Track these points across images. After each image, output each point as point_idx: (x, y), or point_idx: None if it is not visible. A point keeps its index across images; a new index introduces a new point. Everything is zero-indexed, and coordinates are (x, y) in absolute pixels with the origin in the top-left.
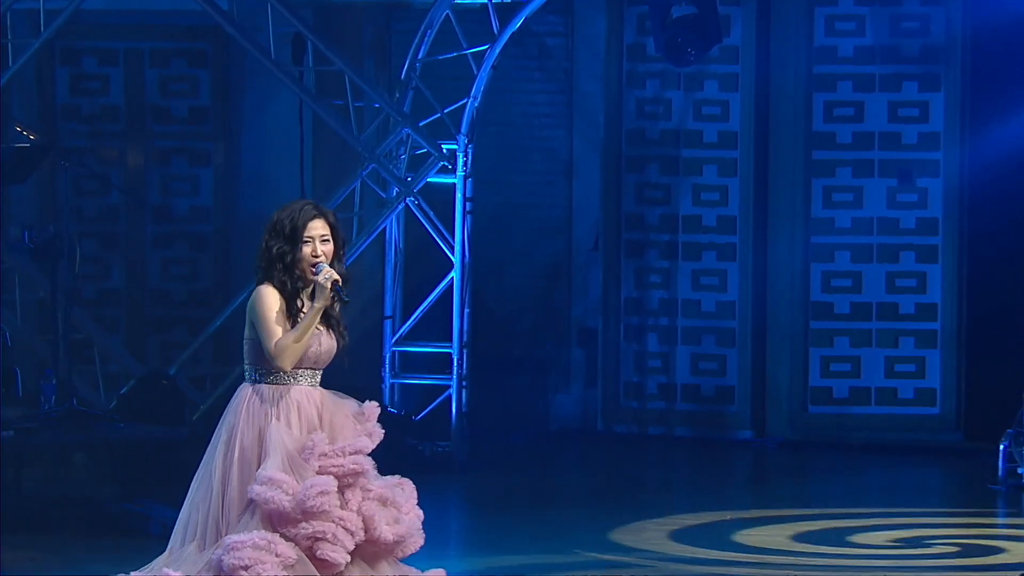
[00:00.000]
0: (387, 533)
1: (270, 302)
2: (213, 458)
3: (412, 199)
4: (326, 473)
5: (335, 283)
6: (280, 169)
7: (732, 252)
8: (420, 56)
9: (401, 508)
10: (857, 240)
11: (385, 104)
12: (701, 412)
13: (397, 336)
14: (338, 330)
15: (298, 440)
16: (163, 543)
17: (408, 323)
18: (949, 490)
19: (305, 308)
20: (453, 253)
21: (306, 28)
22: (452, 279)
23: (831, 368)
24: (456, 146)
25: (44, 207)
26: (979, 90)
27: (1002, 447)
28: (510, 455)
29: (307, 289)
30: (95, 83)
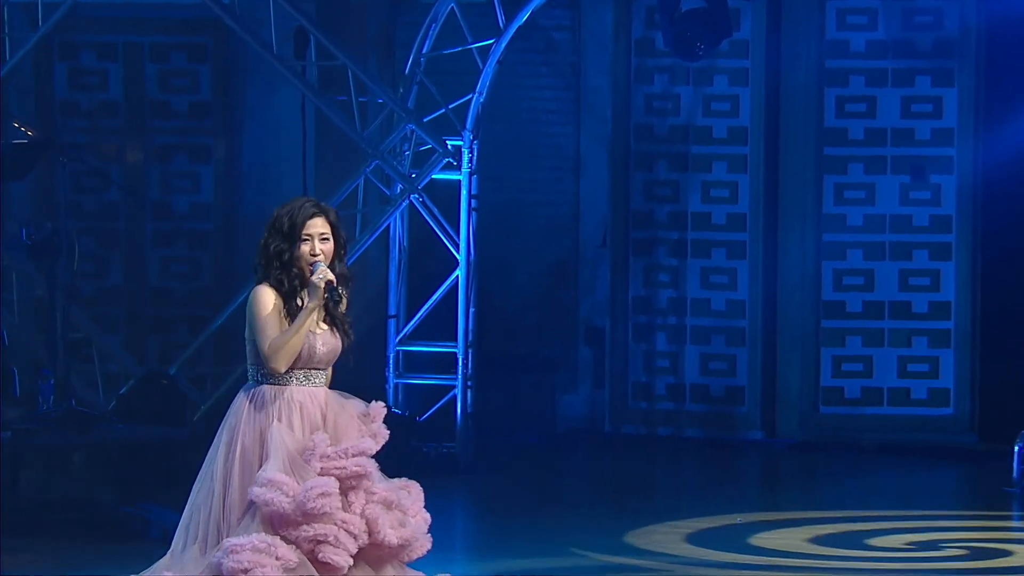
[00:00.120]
0: (391, 537)
1: (265, 302)
2: (214, 460)
3: (416, 196)
4: (328, 475)
5: (328, 283)
6: (282, 165)
7: (742, 250)
8: (424, 51)
9: (407, 511)
10: (869, 238)
11: (389, 99)
12: (711, 413)
13: (401, 335)
14: (343, 328)
15: (299, 441)
16: (163, 546)
17: (412, 322)
18: (963, 492)
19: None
20: (458, 251)
21: (309, 22)
22: (457, 277)
23: (843, 368)
24: (461, 142)
25: (42, 204)
26: (993, 85)
27: (1017, 449)
28: (516, 457)
29: (305, 288)
30: (94, 78)
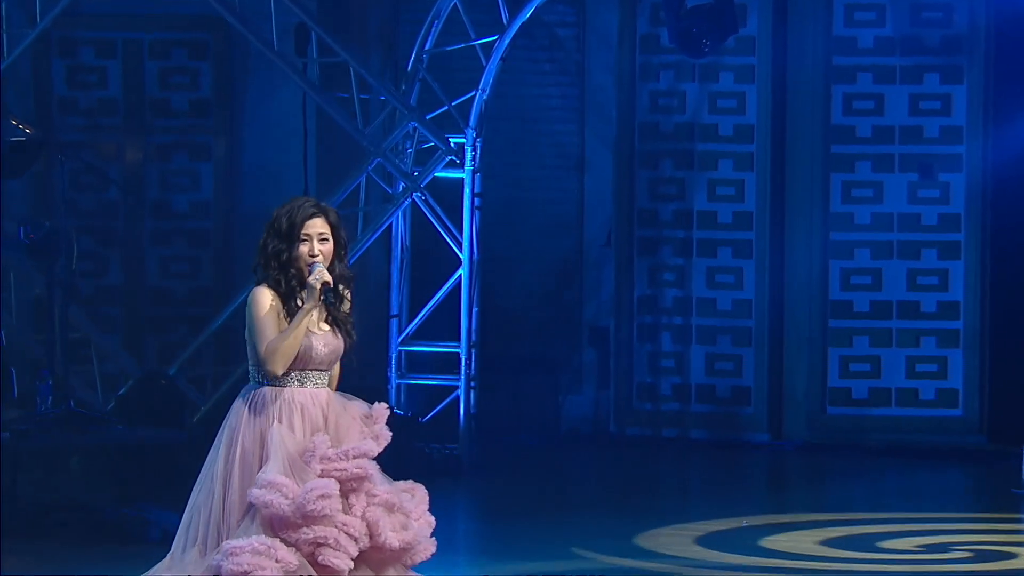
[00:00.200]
0: (393, 540)
1: (262, 304)
2: (214, 461)
3: (419, 194)
4: (329, 477)
5: (324, 284)
6: (283, 164)
7: (748, 249)
8: (427, 47)
9: (410, 514)
10: (877, 236)
11: (391, 97)
12: (716, 414)
13: (403, 335)
14: (345, 329)
15: (300, 443)
16: (163, 548)
17: (415, 322)
18: (972, 494)
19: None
20: (461, 250)
21: (310, 18)
22: (460, 277)
23: (850, 368)
24: (464, 140)
25: (40, 202)
26: (1003, 82)
27: None
28: (520, 458)
29: (303, 289)
30: (92, 75)
